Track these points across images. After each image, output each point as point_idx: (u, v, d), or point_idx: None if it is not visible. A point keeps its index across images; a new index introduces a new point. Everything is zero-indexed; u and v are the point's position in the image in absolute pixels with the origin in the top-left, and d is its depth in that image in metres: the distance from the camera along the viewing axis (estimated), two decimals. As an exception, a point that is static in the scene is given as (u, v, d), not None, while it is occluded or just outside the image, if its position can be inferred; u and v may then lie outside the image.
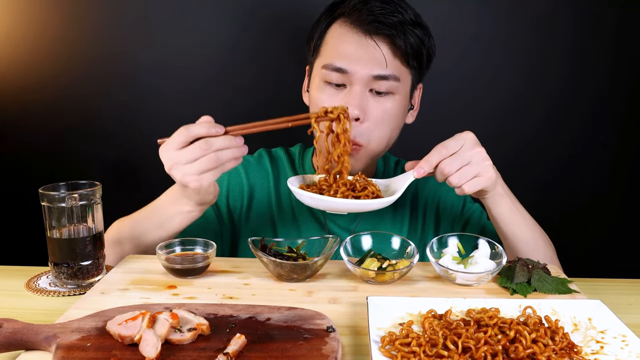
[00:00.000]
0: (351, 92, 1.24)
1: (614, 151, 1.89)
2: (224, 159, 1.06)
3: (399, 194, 1.13)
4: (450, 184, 1.11)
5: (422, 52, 1.27)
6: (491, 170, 1.12)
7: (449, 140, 1.12)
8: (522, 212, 1.23)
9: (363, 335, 0.88)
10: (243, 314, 0.90)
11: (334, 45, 1.26)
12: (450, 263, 1.09)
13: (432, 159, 1.11)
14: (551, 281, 1.05)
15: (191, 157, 1.05)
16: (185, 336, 0.82)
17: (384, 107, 1.26)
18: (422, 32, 1.27)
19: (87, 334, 0.83)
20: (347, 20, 1.25)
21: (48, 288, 1.09)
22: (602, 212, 1.92)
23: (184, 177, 1.06)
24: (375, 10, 1.23)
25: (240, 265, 1.16)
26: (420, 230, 1.41)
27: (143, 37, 1.81)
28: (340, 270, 1.14)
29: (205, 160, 1.05)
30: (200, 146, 1.05)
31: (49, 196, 1.06)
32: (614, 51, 1.81)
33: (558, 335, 0.83)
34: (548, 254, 1.25)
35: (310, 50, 1.34)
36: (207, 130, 1.06)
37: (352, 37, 1.24)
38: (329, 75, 1.26)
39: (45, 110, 1.85)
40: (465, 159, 1.10)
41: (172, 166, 1.07)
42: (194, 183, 1.07)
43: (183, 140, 1.06)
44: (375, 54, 1.23)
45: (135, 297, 1.00)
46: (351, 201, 1.10)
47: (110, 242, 1.25)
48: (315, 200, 1.10)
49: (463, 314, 0.93)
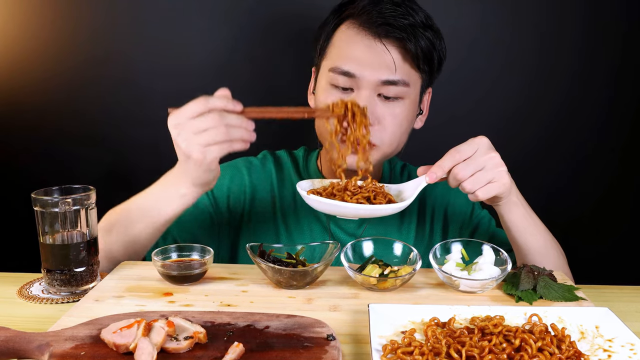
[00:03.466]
0: (359, 96, 1.23)
1: (623, 155, 1.89)
2: (234, 136, 1.05)
3: (411, 199, 1.13)
4: (464, 189, 1.11)
5: (433, 56, 1.27)
6: (505, 177, 1.11)
7: (463, 144, 1.11)
8: (535, 221, 1.23)
9: (364, 343, 0.88)
10: (241, 321, 0.90)
11: (341, 48, 1.26)
12: (454, 269, 1.09)
13: (445, 164, 1.11)
14: (557, 288, 1.06)
15: (202, 126, 1.04)
16: (181, 345, 0.82)
17: (392, 112, 1.26)
18: (434, 35, 1.26)
19: (81, 343, 0.83)
20: (356, 22, 1.25)
21: (41, 295, 1.09)
22: (610, 218, 1.92)
23: (189, 145, 1.04)
24: (386, 13, 1.22)
25: (238, 272, 1.17)
26: (427, 236, 1.41)
27: (138, 38, 1.81)
28: (340, 277, 1.15)
29: (214, 132, 1.04)
30: (213, 117, 1.04)
31: (41, 201, 1.06)
32: (621, 52, 1.81)
33: (564, 344, 0.83)
34: (560, 264, 1.25)
35: (317, 51, 1.34)
36: (225, 104, 1.05)
37: (361, 39, 1.23)
38: (336, 79, 1.25)
39: (37, 113, 1.85)
40: (479, 165, 1.10)
41: (180, 133, 1.05)
42: (198, 154, 1.04)
43: (198, 111, 1.04)
44: (384, 59, 1.22)
45: (130, 305, 1.01)
46: (362, 206, 1.10)
47: (101, 231, 1.21)
48: (325, 205, 1.10)
49: (467, 321, 0.93)
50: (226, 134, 1.05)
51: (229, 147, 1.06)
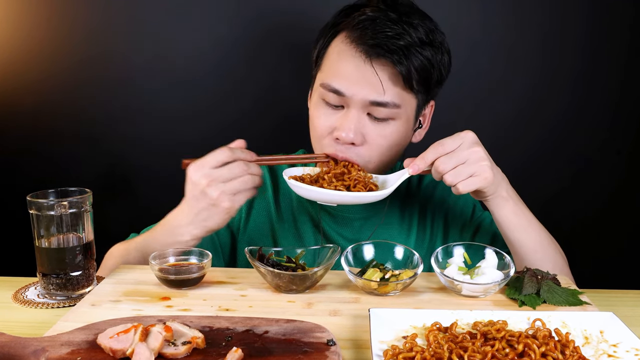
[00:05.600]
0: (348, 115, 1.24)
1: (629, 157, 1.89)
2: (255, 184, 1.15)
3: (391, 189, 1.18)
4: (445, 182, 1.13)
5: (431, 74, 1.24)
6: (488, 171, 1.13)
7: (447, 138, 1.14)
8: (528, 217, 1.23)
9: (365, 349, 0.89)
10: (240, 326, 0.91)
11: (333, 62, 1.26)
12: (456, 273, 1.09)
13: (428, 156, 1.14)
14: (561, 292, 1.06)
15: (230, 175, 1.12)
16: (179, 350, 0.82)
17: (383, 133, 1.25)
18: (433, 51, 1.23)
19: (77, 348, 0.84)
20: (350, 37, 1.23)
21: (36, 300, 1.09)
22: (617, 221, 1.92)
23: (221, 195, 1.12)
24: (380, 32, 1.19)
25: (236, 276, 1.17)
26: (428, 238, 1.42)
27: (134, 38, 1.82)
28: (341, 281, 1.15)
29: (242, 181, 1.13)
30: (239, 166, 1.13)
31: (37, 204, 1.06)
32: (627, 53, 1.81)
33: (568, 349, 0.83)
34: (558, 262, 1.25)
35: (314, 58, 1.34)
36: (246, 156, 1.16)
37: (352, 57, 1.22)
38: (326, 95, 1.25)
39: (33, 114, 1.86)
40: (461, 158, 1.12)
41: (210, 183, 1.12)
42: (227, 202, 1.13)
43: (223, 160, 1.13)
44: (372, 80, 1.21)
45: (127, 309, 1.01)
46: (339, 192, 1.15)
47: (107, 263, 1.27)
48: (303, 190, 1.16)
49: (469, 326, 0.93)
50: (251, 182, 1.15)
51: (252, 194, 1.16)
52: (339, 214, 1.39)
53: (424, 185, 1.45)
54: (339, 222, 1.39)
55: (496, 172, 1.16)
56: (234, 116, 1.83)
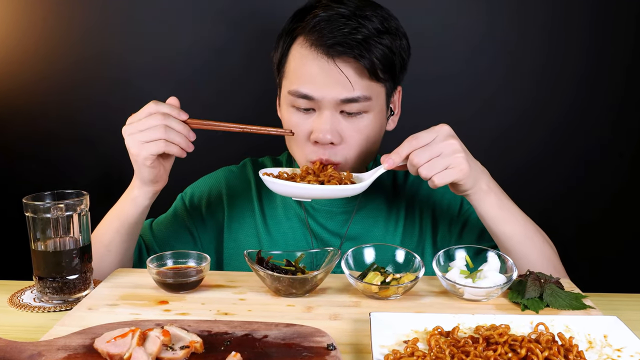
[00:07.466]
0: (321, 116, 1.26)
1: (633, 159, 1.89)
2: (171, 138, 1.16)
3: (367, 183, 1.20)
4: (421, 175, 1.14)
5: (393, 61, 1.27)
6: (463, 162, 1.13)
7: (422, 132, 1.15)
8: (511, 210, 1.23)
9: (366, 353, 0.89)
10: (239, 330, 0.91)
11: (297, 68, 1.27)
12: (458, 277, 1.09)
13: (402, 150, 1.15)
14: (564, 296, 1.06)
15: (144, 126, 1.16)
16: (177, 354, 0.82)
17: (357, 127, 1.27)
18: (391, 38, 1.25)
19: (73, 352, 0.84)
20: (308, 40, 1.24)
21: (32, 303, 1.09)
22: (620, 224, 1.93)
23: (130, 141, 1.17)
24: (336, 30, 1.21)
25: (235, 280, 1.17)
26: (417, 233, 1.42)
27: (131, 38, 1.82)
28: (341, 284, 1.15)
29: (152, 130, 1.16)
30: (155, 118, 1.16)
31: (33, 206, 1.07)
32: (631, 54, 1.82)
33: (572, 354, 0.83)
34: (546, 252, 1.25)
35: (275, 66, 1.34)
36: (170, 110, 1.18)
37: (314, 59, 1.23)
38: (296, 102, 1.27)
39: (29, 116, 1.86)
40: (436, 151, 1.13)
41: (129, 135, 1.17)
42: (135, 149, 1.16)
43: (145, 112, 1.17)
44: (339, 79, 1.22)
45: (124, 313, 1.01)
46: (312, 186, 1.18)
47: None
48: (277, 185, 1.19)
49: (471, 330, 0.93)
50: (164, 134, 1.15)
51: (165, 146, 1.16)
52: (322, 208, 1.41)
53: (410, 181, 1.46)
54: (323, 215, 1.41)
55: (474, 165, 1.17)
56: (231, 117, 1.82)
